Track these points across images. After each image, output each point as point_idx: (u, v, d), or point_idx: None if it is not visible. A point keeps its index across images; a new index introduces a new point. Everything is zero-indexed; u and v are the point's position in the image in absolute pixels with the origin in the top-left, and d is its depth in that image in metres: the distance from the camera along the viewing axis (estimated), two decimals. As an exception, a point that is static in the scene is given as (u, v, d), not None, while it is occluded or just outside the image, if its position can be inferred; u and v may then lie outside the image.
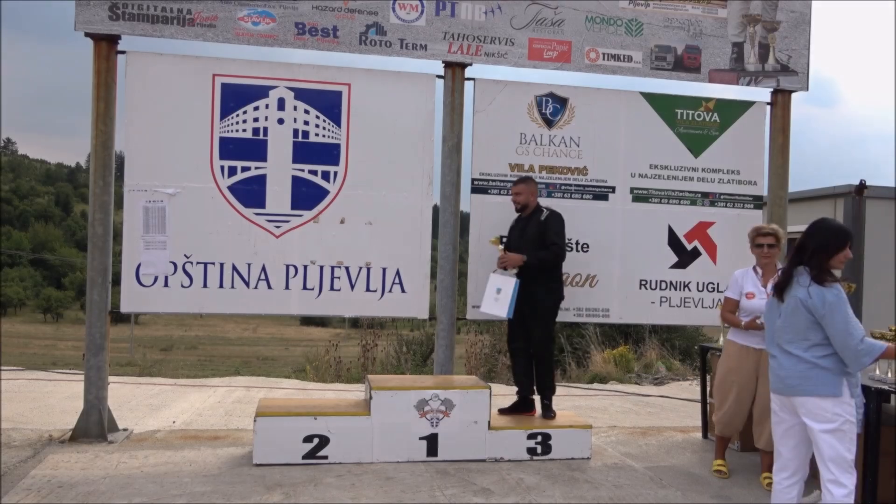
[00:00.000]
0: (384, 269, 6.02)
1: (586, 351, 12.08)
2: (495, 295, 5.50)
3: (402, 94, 6.05)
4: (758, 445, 5.19)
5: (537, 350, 5.69)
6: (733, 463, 5.44)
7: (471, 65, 6.07)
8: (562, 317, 6.06)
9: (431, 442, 5.25)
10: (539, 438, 5.44)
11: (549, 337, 5.71)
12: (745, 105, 6.60)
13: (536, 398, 5.77)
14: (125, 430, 5.95)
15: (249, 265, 5.84)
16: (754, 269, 5.17)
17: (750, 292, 5.08)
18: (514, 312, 5.46)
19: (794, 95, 6.63)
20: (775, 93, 6.61)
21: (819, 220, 3.79)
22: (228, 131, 5.81)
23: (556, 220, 5.63)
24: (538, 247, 5.52)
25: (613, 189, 6.40)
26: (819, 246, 3.65)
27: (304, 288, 5.91)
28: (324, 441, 5.14)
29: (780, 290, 3.74)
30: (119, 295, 5.77)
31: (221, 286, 5.80)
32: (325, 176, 5.96)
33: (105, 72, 5.63)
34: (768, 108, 6.63)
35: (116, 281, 5.80)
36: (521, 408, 5.77)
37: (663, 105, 6.46)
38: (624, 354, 11.40)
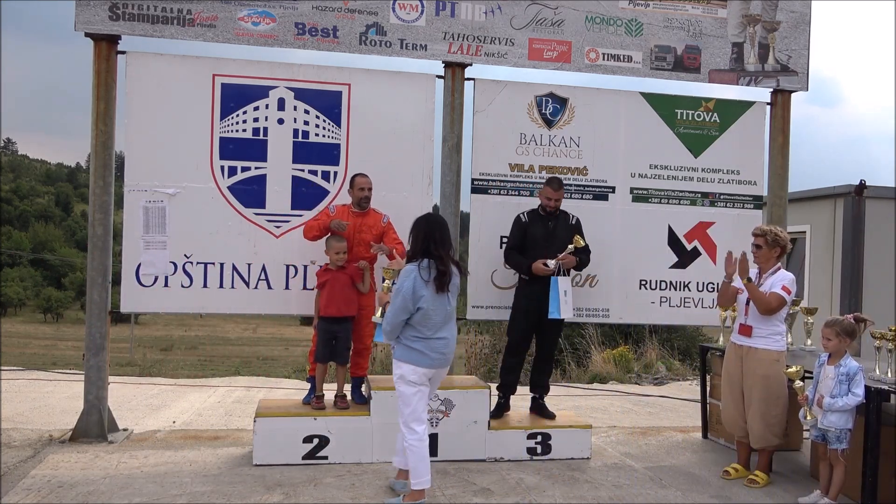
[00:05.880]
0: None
1: (586, 351, 12.08)
2: (565, 298, 5.48)
3: (402, 94, 6.05)
4: (752, 445, 5.18)
5: (550, 350, 5.77)
6: (729, 462, 5.41)
7: (471, 65, 6.08)
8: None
9: (431, 442, 5.21)
10: (539, 438, 5.44)
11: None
12: (744, 105, 6.60)
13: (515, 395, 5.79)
14: (125, 430, 5.95)
15: (249, 265, 5.84)
16: None
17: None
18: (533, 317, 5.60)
19: (794, 95, 6.63)
20: (775, 93, 6.61)
21: None
22: (228, 131, 5.81)
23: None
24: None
25: (613, 189, 6.40)
26: None
27: (304, 288, 5.91)
28: (324, 441, 5.14)
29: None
30: (119, 295, 5.78)
31: (221, 286, 5.80)
32: (326, 176, 5.96)
33: (105, 72, 5.63)
34: (768, 108, 6.63)
35: (116, 281, 5.80)
36: (504, 410, 5.71)
37: (663, 105, 6.46)
38: (624, 354, 11.40)
